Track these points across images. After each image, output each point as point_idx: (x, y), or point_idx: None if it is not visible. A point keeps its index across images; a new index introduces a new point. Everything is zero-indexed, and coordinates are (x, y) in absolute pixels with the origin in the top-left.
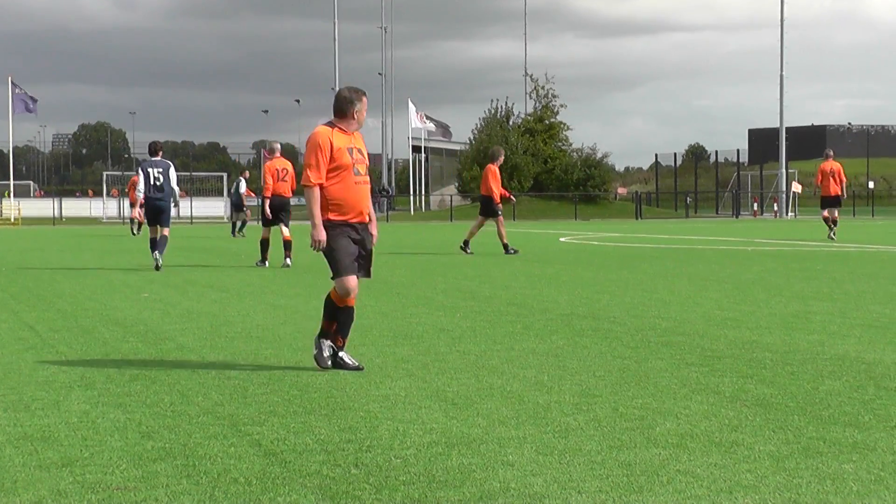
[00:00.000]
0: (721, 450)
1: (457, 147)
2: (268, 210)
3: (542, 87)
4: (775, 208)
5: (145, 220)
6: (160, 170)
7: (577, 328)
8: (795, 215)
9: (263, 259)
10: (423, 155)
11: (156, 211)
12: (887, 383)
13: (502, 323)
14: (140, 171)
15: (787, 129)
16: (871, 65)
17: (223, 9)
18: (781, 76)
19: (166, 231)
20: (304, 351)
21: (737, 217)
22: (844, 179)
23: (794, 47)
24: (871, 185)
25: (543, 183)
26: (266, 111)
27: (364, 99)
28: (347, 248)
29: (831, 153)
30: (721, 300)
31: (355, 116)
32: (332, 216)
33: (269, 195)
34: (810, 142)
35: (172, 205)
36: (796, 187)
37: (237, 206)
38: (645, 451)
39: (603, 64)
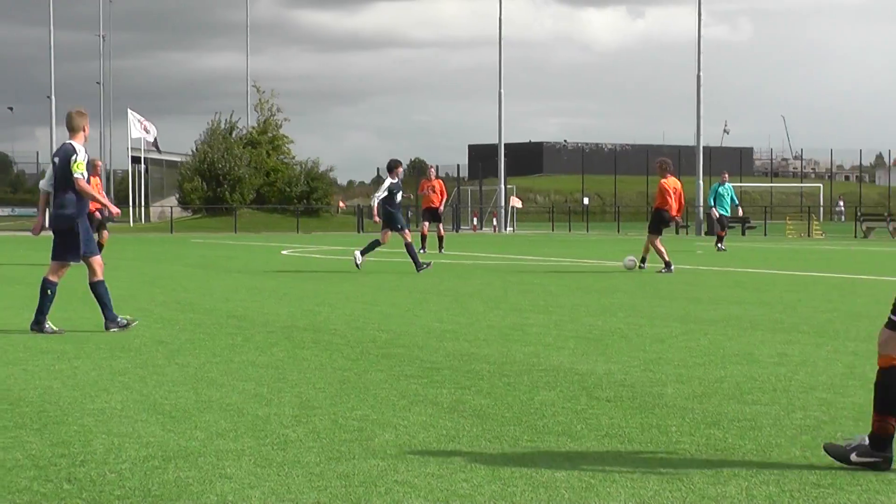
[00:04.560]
0: (438, 460)
1: (177, 158)
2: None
3: (268, 101)
4: (494, 223)
5: None
6: None
7: (298, 340)
8: (514, 230)
9: None
10: (143, 166)
11: None
12: (599, 393)
13: (222, 335)
14: None
15: (505, 145)
16: (586, 85)
17: None
18: (500, 94)
19: None
20: (14, 364)
21: (457, 231)
22: (446, 196)
23: (513, 66)
24: (585, 201)
25: (266, 196)
26: None
27: None
28: None
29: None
30: (440, 312)
31: None
32: None
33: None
34: (528, 158)
35: None
36: (515, 202)
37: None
38: (363, 463)
39: (327, 78)
